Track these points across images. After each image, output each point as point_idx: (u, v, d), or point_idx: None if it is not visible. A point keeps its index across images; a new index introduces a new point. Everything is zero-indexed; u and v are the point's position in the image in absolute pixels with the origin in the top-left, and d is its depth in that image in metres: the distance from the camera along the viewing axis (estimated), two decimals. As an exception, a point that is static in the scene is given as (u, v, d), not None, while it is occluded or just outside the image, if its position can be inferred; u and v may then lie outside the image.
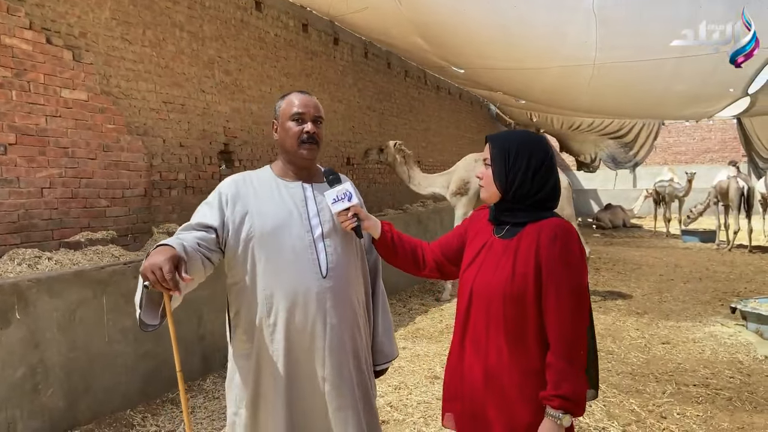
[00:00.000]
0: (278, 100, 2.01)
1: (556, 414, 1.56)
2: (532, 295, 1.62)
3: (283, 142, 1.95)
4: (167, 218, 5.18)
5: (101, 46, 4.54)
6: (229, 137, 5.94)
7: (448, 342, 5.37)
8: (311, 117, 1.92)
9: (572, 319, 1.59)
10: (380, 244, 1.96)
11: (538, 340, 1.63)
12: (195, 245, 1.75)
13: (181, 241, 1.71)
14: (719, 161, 19.84)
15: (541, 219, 1.68)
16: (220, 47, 5.82)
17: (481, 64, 7.76)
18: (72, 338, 3.54)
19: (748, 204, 10.81)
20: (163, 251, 1.60)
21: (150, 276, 1.53)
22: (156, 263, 1.53)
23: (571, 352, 1.57)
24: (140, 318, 1.65)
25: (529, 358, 1.63)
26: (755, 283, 8.01)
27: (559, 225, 1.66)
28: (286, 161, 1.98)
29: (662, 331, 5.74)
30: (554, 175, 1.72)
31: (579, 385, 1.58)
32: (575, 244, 1.64)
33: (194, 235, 1.81)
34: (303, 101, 1.94)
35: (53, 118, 4.15)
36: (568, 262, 1.61)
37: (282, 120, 1.95)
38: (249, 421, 1.84)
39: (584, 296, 1.63)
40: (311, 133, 1.91)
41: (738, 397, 4.02)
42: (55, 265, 3.85)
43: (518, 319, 1.64)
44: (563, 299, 1.59)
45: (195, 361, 4.45)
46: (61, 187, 4.21)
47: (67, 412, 3.50)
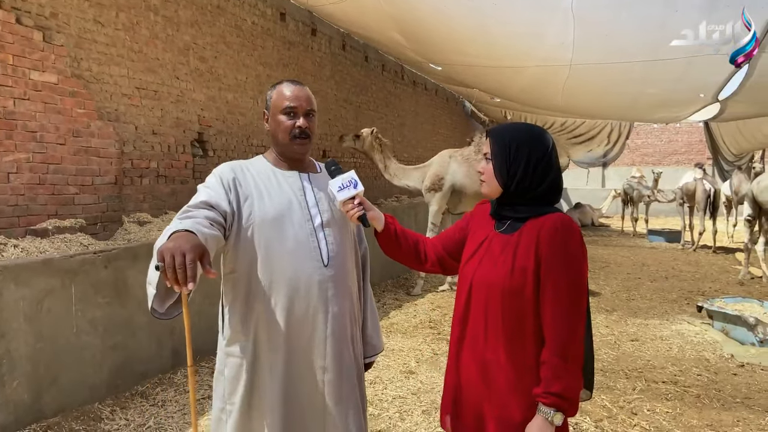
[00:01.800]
0: (269, 88, 1.95)
1: (547, 411, 1.55)
2: (531, 291, 1.61)
3: (275, 135, 1.90)
4: (138, 207, 5.05)
5: (73, 28, 4.39)
6: (203, 126, 5.82)
7: (422, 337, 5.41)
8: (303, 111, 1.87)
9: (569, 315, 1.57)
10: (383, 236, 1.90)
11: (536, 337, 1.62)
12: (209, 227, 1.61)
13: (198, 225, 1.56)
14: (685, 163, 20.35)
15: (543, 214, 1.66)
16: (196, 33, 5.69)
17: (459, 61, 7.76)
18: (39, 329, 3.43)
19: (713, 206, 11.09)
20: (188, 236, 1.45)
21: (168, 259, 1.36)
22: (180, 247, 1.37)
23: (566, 348, 1.56)
24: (152, 305, 1.53)
25: (525, 354, 1.62)
26: (720, 282, 8.22)
27: (560, 220, 1.64)
28: (278, 152, 1.94)
29: (631, 329, 5.85)
30: (554, 169, 1.71)
31: (573, 383, 1.57)
32: (576, 239, 1.63)
33: (204, 213, 1.67)
34: (295, 94, 1.88)
35: (21, 100, 3.99)
36: (567, 257, 1.60)
37: (273, 112, 1.89)
38: (241, 416, 1.77)
39: (583, 293, 1.62)
40: (303, 128, 1.86)
41: (706, 394, 4.11)
42: (22, 252, 3.71)
43: (516, 315, 1.62)
44: (561, 294, 1.58)
45: (165, 354, 4.36)
46: (29, 173, 4.06)
47: (32, 405, 3.39)
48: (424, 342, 5.25)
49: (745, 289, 7.66)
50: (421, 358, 4.79)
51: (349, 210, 1.80)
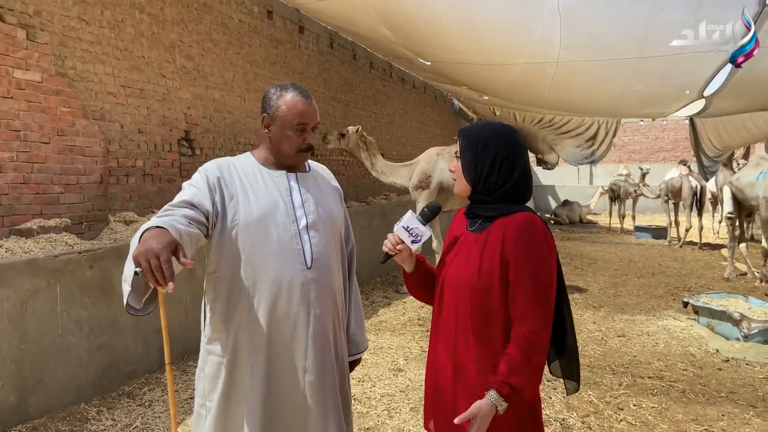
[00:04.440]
0: (274, 93, 1.88)
1: (497, 398, 1.51)
2: (498, 291, 1.62)
3: (279, 144, 1.87)
4: (124, 206, 5.02)
5: (57, 26, 4.35)
6: (190, 124, 5.78)
7: (411, 335, 5.41)
8: (312, 126, 1.87)
9: (536, 313, 1.57)
10: (412, 277, 1.87)
11: (504, 336, 1.62)
12: (186, 224, 1.62)
13: (173, 222, 1.57)
14: (671, 160, 20.50)
15: (511, 213, 1.68)
16: (182, 31, 5.66)
17: (447, 57, 7.76)
18: (23, 329, 3.40)
19: (699, 203, 11.18)
20: (158, 235, 1.46)
21: (144, 264, 1.39)
22: (152, 250, 1.39)
23: (532, 346, 1.55)
24: (127, 302, 1.54)
25: (495, 354, 1.61)
26: (705, 278, 8.30)
27: (525, 218, 1.65)
28: (273, 155, 1.91)
29: (618, 325, 5.89)
30: (520, 165, 1.71)
31: (531, 382, 1.56)
32: (541, 236, 1.64)
33: (184, 212, 1.67)
34: (306, 111, 1.85)
35: (5, 99, 3.95)
36: (533, 256, 1.61)
37: (281, 124, 1.84)
38: (219, 413, 1.78)
39: (550, 290, 1.62)
40: (311, 144, 1.89)
41: (691, 389, 4.16)
42: (6, 252, 3.67)
43: (484, 315, 1.63)
44: (528, 291, 1.58)
45: (152, 354, 4.33)
46: (12, 172, 4.02)
47: (18, 406, 3.37)
48: (412, 339, 5.27)
49: (731, 284, 7.74)
50: (410, 356, 4.80)
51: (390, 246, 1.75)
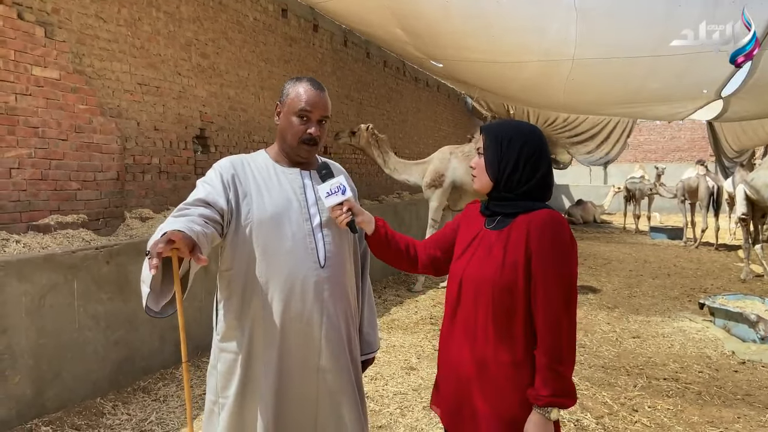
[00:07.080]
0: (289, 83, 1.90)
1: (543, 409, 1.56)
2: (522, 286, 1.61)
3: (284, 133, 1.88)
4: (140, 203, 5.06)
5: (74, 24, 4.39)
6: (205, 122, 5.82)
7: (423, 333, 5.41)
8: (317, 117, 1.85)
9: (560, 310, 1.57)
10: (373, 240, 1.91)
11: (526, 332, 1.62)
12: (203, 224, 1.62)
13: (190, 223, 1.57)
14: (688, 160, 20.31)
15: (532, 210, 1.67)
16: (198, 29, 5.69)
17: (460, 56, 7.73)
18: (41, 324, 3.44)
19: (716, 203, 11.06)
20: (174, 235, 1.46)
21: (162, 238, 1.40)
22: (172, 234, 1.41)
23: (559, 345, 1.56)
24: (147, 304, 1.55)
25: (516, 349, 1.62)
26: (721, 279, 8.21)
27: (550, 215, 1.65)
28: (282, 150, 1.92)
29: (632, 326, 5.84)
30: (545, 164, 1.71)
31: (564, 383, 1.57)
32: (565, 234, 1.63)
33: (200, 211, 1.67)
34: (312, 99, 1.84)
35: (23, 96, 4.00)
36: (557, 252, 1.60)
37: (287, 110, 1.86)
38: (234, 409, 1.78)
39: (574, 289, 1.62)
40: (313, 136, 1.85)
41: (707, 391, 4.11)
42: (24, 248, 3.72)
43: (507, 310, 1.62)
44: (552, 291, 1.58)
45: (168, 349, 4.37)
46: (31, 168, 4.07)
47: (34, 400, 3.41)
48: (425, 338, 5.26)
49: (747, 286, 7.65)
50: (422, 354, 4.79)
51: (338, 216, 1.79)
